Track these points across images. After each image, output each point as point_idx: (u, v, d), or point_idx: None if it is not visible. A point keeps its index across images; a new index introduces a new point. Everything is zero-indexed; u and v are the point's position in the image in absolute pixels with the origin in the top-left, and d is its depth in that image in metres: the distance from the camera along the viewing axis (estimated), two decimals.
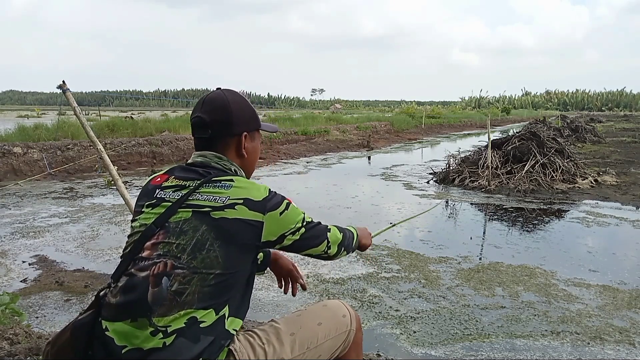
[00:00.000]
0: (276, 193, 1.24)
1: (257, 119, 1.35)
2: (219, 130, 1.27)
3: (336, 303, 1.42)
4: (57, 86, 2.89)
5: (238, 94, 1.33)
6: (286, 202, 1.23)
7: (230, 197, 1.16)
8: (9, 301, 2.43)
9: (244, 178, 1.26)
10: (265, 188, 1.22)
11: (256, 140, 1.36)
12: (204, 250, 1.12)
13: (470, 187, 7.66)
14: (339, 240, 1.38)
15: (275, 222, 1.19)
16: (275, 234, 1.20)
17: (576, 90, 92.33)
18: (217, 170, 1.25)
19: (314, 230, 1.29)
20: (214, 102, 1.28)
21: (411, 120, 25.01)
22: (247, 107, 1.33)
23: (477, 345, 2.61)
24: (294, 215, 1.23)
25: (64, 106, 12.02)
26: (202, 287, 1.10)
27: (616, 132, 20.96)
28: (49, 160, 8.96)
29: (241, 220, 1.15)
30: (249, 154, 1.33)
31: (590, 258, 4.18)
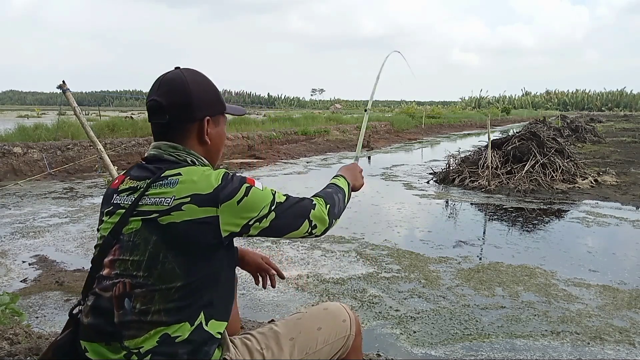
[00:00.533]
0: (234, 177, 1.09)
1: (221, 101, 1.21)
2: (177, 115, 1.12)
3: (337, 306, 1.36)
4: (57, 86, 2.89)
5: (200, 73, 1.19)
6: (246, 187, 1.07)
7: (176, 197, 1.03)
8: (9, 301, 2.43)
9: (198, 167, 1.10)
10: (218, 175, 1.07)
11: (221, 124, 1.22)
12: (158, 264, 1.01)
13: (470, 187, 7.66)
14: (325, 217, 1.21)
15: (234, 212, 1.05)
16: (237, 224, 1.06)
17: (576, 90, 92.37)
18: (169, 164, 1.11)
19: (290, 212, 1.14)
20: (171, 83, 1.13)
21: (411, 120, 25.02)
22: (210, 88, 1.19)
23: (477, 345, 2.61)
24: (258, 200, 1.08)
25: (64, 106, 12.02)
26: (167, 303, 1.01)
27: (616, 132, 20.96)
28: (49, 160, 8.96)
29: (192, 222, 1.02)
30: (213, 140, 1.19)
31: (590, 258, 4.18)
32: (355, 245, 4.45)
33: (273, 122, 18.02)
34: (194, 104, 1.13)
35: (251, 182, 1.10)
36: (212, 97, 1.19)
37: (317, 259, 4.02)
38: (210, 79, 1.21)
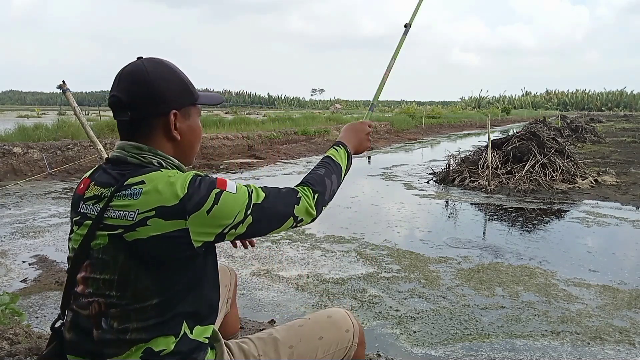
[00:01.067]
0: (202, 182, 0.98)
1: (191, 92, 1.10)
2: (139, 110, 1.03)
3: (341, 315, 1.30)
4: (57, 86, 2.89)
5: (163, 62, 1.08)
6: (215, 193, 0.97)
7: (140, 210, 0.94)
8: (9, 301, 2.43)
9: (162, 173, 0.99)
10: (184, 182, 0.96)
11: (193, 117, 1.11)
12: (130, 283, 0.96)
13: (470, 187, 7.66)
14: (312, 210, 1.12)
15: (204, 222, 0.96)
16: (210, 234, 0.98)
17: (576, 90, 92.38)
18: (133, 168, 1.01)
19: (270, 212, 1.04)
20: (131, 76, 1.03)
21: (411, 120, 25.02)
22: (175, 78, 1.07)
23: (477, 345, 2.61)
24: (230, 205, 0.98)
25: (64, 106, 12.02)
26: (144, 321, 0.96)
27: (616, 132, 20.96)
28: (49, 160, 8.96)
29: (160, 237, 0.94)
30: (185, 135, 1.09)
31: (590, 258, 4.18)
32: (355, 245, 4.45)
33: (273, 122, 18.02)
34: (156, 97, 1.03)
35: (222, 185, 1.00)
36: (178, 88, 1.07)
37: (317, 259, 4.02)
38: (177, 68, 1.10)
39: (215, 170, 9.70)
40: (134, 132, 1.05)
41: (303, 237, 4.68)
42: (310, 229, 5.00)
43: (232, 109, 38.76)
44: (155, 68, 1.05)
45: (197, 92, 1.13)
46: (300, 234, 4.79)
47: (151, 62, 1.06)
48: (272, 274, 3.66)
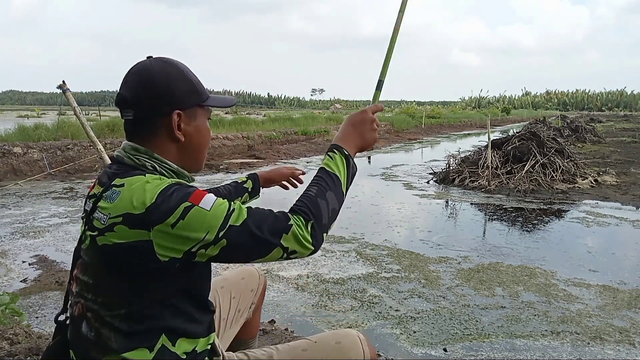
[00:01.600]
0: (174, 192, 0.90)
1: (199, 92, 1.05)
2: (142, 109, 1.01)
3: (352, 341, 1.13)
4: (57, 86, 2.89)
5: (172, 62, 1.05)
6: (184, 207, 0.89)
7: (111, 215, 0.90)
8: (9, 301, 2.43)
9: (142, 177, 0.94)
10: (155, 190, 0.90)
11: (199, 119, 1.06)
12: (101, 288, 0.93)
13: (470, 187, 7.66)
14: (305, 241, 0.95)
15: (169, 237, 0.88)
16: (177, 250, 0.89)
17: (576, 90, 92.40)
18: (126, 169, 0.99)
19: (249, 236, 0.91)
20: (137, 75, 1.02)
21: (411, 120, 25.02)
22: (182, 78, 1.03)
23: (477, 345, 2.61)
24: (199, 223, 0.89)
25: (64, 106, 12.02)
26: (116, 331, 0.93)
27: (616, 132, 20.96)
28: (49, 160, 8.96)
29: (123, 246, 0.89)
30: (190, 137, 1.04)
31: (590, 258, 4.18)
32: (355, 245, 4.45)
33: (273, 122, 18.02)
34: (160, 96, 1.00)
35: (195, 199, 0.91)
36: (185, 88, 1.03)
37: (317, 259, 4.02)
38: (186, 67, 1.07)
39: (215, 170, 9.71)
40: (137, 131, 1.03)
41: None
42: None
43: (232, 108, 38.76)
44: (161, 67, 1.02)
45: (207, 94, 1.08)
46: None
47: (159, 61, 1.04)
48: (272, 273, 3.66)
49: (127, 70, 1.05)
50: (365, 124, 1.15)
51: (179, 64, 1.06)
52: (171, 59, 1.06)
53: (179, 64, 1.06)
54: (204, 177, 8.78)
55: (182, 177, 1.05)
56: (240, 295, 1.47)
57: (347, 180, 1.10)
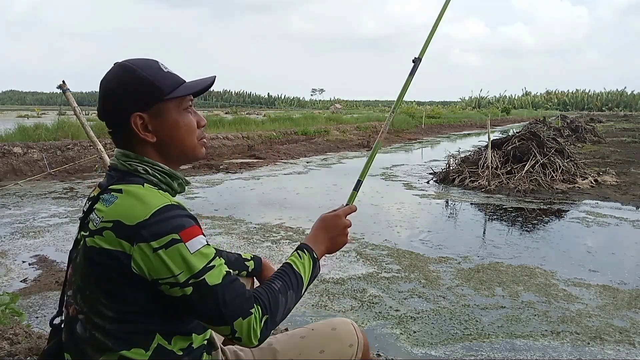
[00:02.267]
0: (172, 218, 0.90)
1: (155, 88, 0.98)
2: (110, 119, 1.01)
3: (346, 328, 1.22)
4: (57, 86, 2.90)
5: (123, 65, 1.00)
6: (173, 237, 0.88)
7: (104, 218, 0.91)
8: (9, 301, 2.43)
9: (143, 189, 0.94)
10: (153, 206, 0.90)
11: (170, 113, 1.01)
12: (87, 291, 0.93)
13: (470, 187, 7.66)
14: (253, 338, 0.93)
15: (145, 258, 0.87)
16: (147, 274, 0.88)
17: (576, 90, 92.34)
18: (121, 175, 0.99)
19: (210, 300, 0.89)
20: (100, 87, 1.01)
21: (411, 120, 25.02)
22: (132, 80, 0.98)
23: (477, 345, 2.62)
24: (176, 260, 0.87)
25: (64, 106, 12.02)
26: (108, 333, 0.93)
27: (616, 132, 20.97)
28: (49, 160, 8.96)
29: (107, 252, 0.89)
30: (162, 135, 1.01)
31: (590, 258, 4.18)
32: (355, 245, 4.45)
33: (273, 122, 18.03)
34: (114, 105, 0.99)
35: (186, 236, 0.89)
36: (139, 89, 0.98)
37: None
38: (144, 64, 1.01)
39: (215, 170, 9.70)
40: (117, 140, 1.03)
41: (303, 237, 4.67)
42: (310, 228, 5.00)
43: (232, 109, 38.78)
44: (115, 73, 1.00)
45: (175, 84, 1.01)
46: (301, 234, 4.79)
47: (116, 66, 1.01)
48: None
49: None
50: (337, 229, 1.17)
51: (132, 65, 1.00)
52: (129, 61, 1.01)
53: (132, 65, 1.00)
54: (204, 177, 8.78)
55: (174, 179, 1.04)
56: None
57: (308, 283, 1.12)
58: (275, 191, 7.38)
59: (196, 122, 1.06)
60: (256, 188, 7.39)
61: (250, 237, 4.68)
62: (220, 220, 5.32)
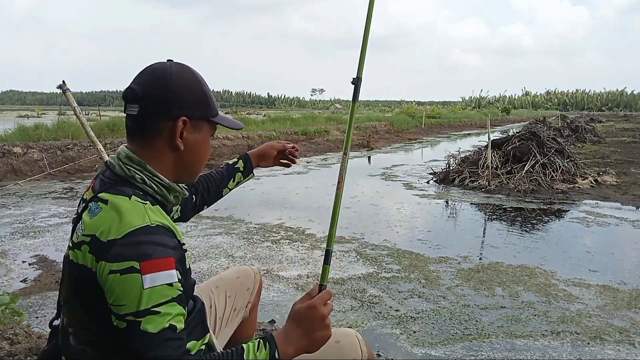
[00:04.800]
0: (141, 243, 0.83)
1: (209, 106, 1.02)
2: (149, 107, 0.96)
3: (351, 341, 1.15)
4: (57, 86, 2.89)
5: (191, 70, 1.02)
6: (131, 265, 0.81)
7: (85, 232, 0.87)
8: (9, 301, 2.43)
9: (129, 203, 0.88)
10: (132, 225, 0.84)
11: (203, 132, 1.03)
12: (72, 304, 0.91)
13: (470, 187, 7.66)
14: None
15: (104, 279, 0.82)
16: (102, 292, 0.83)
17: (576, 90, 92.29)
18: (114, 180, 0.95)
19: (137, 349, 0.81)
20: (153, 72, 0.99)
21: (411, 120, 25.01)
22: (197, 87, 1.01)
23: (477, 345, 2.62)
24: (128, 291, 0.80)
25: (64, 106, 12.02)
26: (96, 347, 0.90)
27: (616, 132, 20.96)
28: (49, 160, 8.96)
29: (81, 267, 0.86)
30: (190, 148, 1.00)
31: (590, 258, 4.18)
32: (355, 245, 4.45)
33: (273, 122, 18.02)
34: (171, 98, 0.97)
35: (148, 268, 0.81)
36: (197, 97, 1.00)
37: (317, 259, 4.02)
38: (202, 79, 1.05)
39: None
40: (138, 129, 0.98)
41: (303, 237, 4.68)
42: (310, 228, 5.00)
43: (232, 109, 38.77)
44: (180, 71, 1.00)
45: (217, 110, 1.06)
46: (300, 234, 4.79)
47: (178, 65, 1.01)
48: (272, 273, 3.66)
49: (140, 70, 1.02)
50: (314, 323, 0.94)
51: (197, 73, 1.04)
52: (190, 67, 1.04)
53: (197, 73, 1.04)
54: None
55: (172, 192, 1.01)
56: (236, 294, 1.47)
57: None
58: (275, 191, 7.38)
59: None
60: (256, 188, 7.39)
61: (250, 237, 4.68)
62: (220, 220, 5.33)
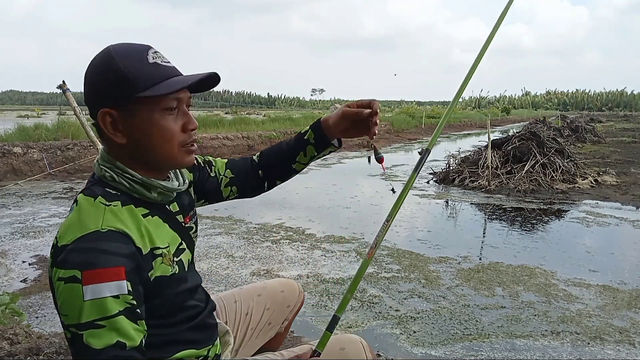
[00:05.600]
0: (86, 250, 0.77)
1: (133, 84, 0.84)
2: (90, 115, 0.90)
3: (356, 347, 1.13)
4: (57, 86, 2.90)
5: (105, 52, 0.88)
6: (73, 275, 0.76)
7: (57, 235, 0.84)
8: (9, 301, 2.43)
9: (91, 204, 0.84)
10: (84, 229, 0.79)
11: (142, 113, 0.87)
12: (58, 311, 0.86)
13: (470, 187, 7.66)
14: None
15: (55, 285, 0.79)
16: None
17: (576, 90, 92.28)
18: (92, 178, 0.93)
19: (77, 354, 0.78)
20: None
21: (411, 120, 25.00)
22: (111, 70, 0.85)
23: (477, 345, 2.61)
24: (68, 301, 0.76)
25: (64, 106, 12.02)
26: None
27: (616, 132, 20.95)
28: (49, 160, 8.96)
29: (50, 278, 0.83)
30: (134, 136, 0.88)
31: (590, 258, 4.18)
32: (355, 245, 4.45)
33: (273, 122, 18.02)
34: (88, 93, 0.88)
35: (92, 278, 0.75)
36: (112, 81, 0.85)
37: (317, 259, 4.02)
38: (125, 52, 0.87)
39: None
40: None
41: (303, 237, 4.68)
42: (310, 228, 5.00)
43: (232, 109, 38.75)
44: (94, 61, 0.88)
45: (152, 80, 0.85)
46: (300, 234, 4.79)
47: (102, 51, 0.89)
48: (272, 274, 3.66)
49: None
50: None
51: (119, 49, 0.87)
52: (120, 45, 0.89)
53: (119, 49, 0.87)
54: None
55: (148, 188, 0.92)
56: (276, 308, 1.39)
57: None
58: (275, 191, 7.34)
59: (182, 126, 0.91)
60: None
61: (250, 237, 4.68)
62: (220, 220, 5.33)
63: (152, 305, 0.88)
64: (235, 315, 1.33)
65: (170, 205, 1.00)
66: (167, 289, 0.90)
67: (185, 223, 1.04)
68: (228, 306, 1.35)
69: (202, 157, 1.23)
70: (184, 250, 0.99)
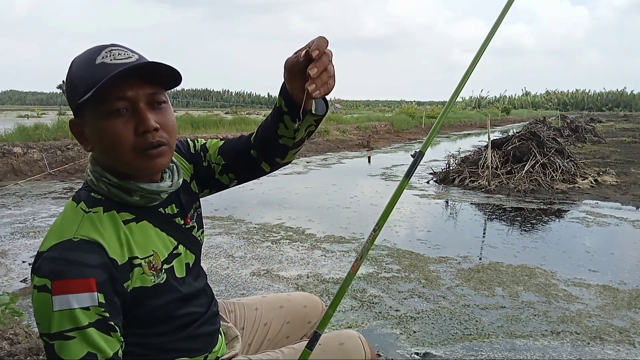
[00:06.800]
0: (57, 259, 0.76)
1: (77, 88, 0.82)
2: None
3: (355, 343, 1.14)
4: (57, 86, 2.90)
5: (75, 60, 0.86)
6: (44, 284, 0.75)
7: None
8: (9, 301, 2.43)
9: (73, 211, 0.84)
10: (60, 237, 0.79)
11: (89, 119, 0.83)
12: None
13: (470, 187, 7.66)
14: None
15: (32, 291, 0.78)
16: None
17: (576, 90, 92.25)
18: (82, 183, 0.93)
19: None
20: None
21: (411, 120, 25.00)
22: (68, 79, 0.85)
23: (477, 345, 2.62)
24: (40, 310, 0.76)
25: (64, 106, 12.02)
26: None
27: (616, 132, 20.95)
28: (49, 160, 8.96)
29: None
30: (93, 143, 0.86)
31: (590, 258, 4.18)
32: (355, 245, 4.45)
33: None
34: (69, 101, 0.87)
35: (61, 288, 0.74)
36: (68, 90, 0.85)
37: (317, 259, 4.02)
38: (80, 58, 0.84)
39: None
40: None
41: (303, 237, 4.68)
42: (310, 228, 5.00)
43: (232, 109, 38.77)
44: (73, 64, 0.87)
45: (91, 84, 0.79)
46: (300, 234, 4.79)
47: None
48: (272, 273, 3.66)
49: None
50: None
51: (79, 56, 0.86)
52: (86, 49, 0.86)
53: (79, 56, 0.86)
54: None
55: (129, 192, 0.88)
56: (297, 323, 1.35)
57: None
58: (275, 191, 7.38)
59: (134, 128, 0.83)
60: (255, 188, 7.39)
61: (250, 237, 4.68)
62: (220, 220, 5.33)
63: (135, 315, 0.86)
64: (253, 324, 1.29)
65: (167, 207, 0.96)
66: (151, 299, 0.88)
67: (186, 224, 1.00)
68: (248, 312, 1.31)
69: (198, 142, 1.14)
70: (179, 255, 0.95)
